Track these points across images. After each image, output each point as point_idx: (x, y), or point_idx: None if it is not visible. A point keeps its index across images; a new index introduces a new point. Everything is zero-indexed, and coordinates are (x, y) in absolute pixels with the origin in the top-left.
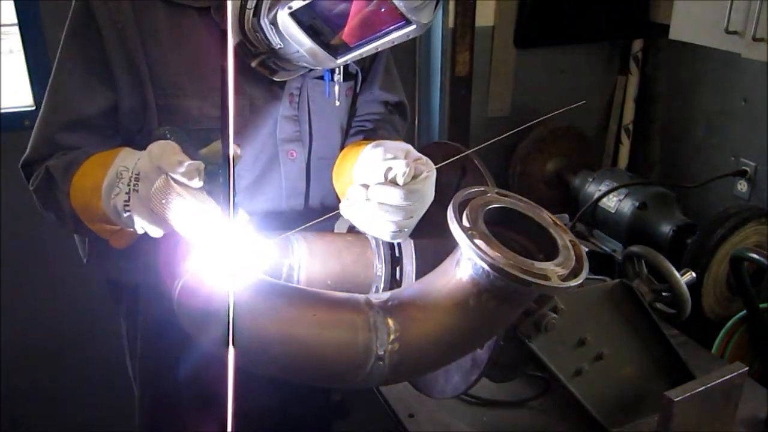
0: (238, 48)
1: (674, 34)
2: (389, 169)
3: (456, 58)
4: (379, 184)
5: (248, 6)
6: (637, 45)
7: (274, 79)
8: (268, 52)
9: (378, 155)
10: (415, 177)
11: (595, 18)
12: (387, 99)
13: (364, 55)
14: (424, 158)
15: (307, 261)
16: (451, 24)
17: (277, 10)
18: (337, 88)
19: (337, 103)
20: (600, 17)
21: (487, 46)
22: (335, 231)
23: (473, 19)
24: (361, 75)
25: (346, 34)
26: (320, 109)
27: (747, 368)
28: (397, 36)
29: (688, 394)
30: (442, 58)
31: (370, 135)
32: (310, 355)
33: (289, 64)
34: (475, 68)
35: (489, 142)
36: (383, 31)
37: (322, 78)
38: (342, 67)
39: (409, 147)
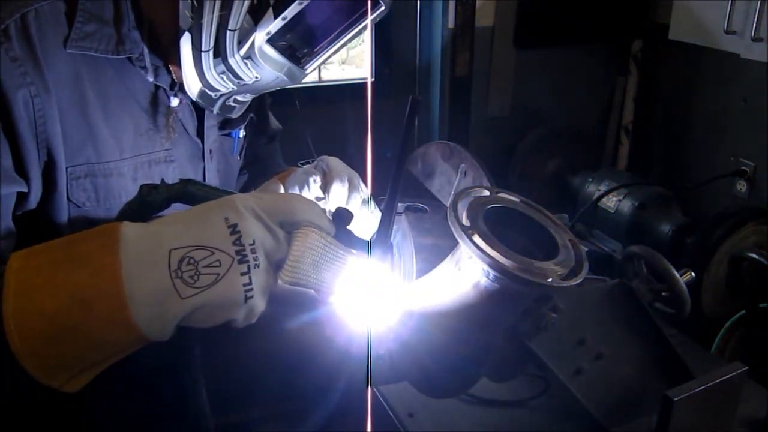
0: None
1: (674, 34)
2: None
3: (456, 58)
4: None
5: (203, 48)
6: (637, 45)
7: (231, 116)
8: (229, 92)
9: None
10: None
11: (595, 18)
12: (274, 133)
13: (330, 57)
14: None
15: None
16: (451, 24)
17: (252, 42)
18: (241, 143)
19: (239, 158)
20: (600, 17)
21: (487, 46)
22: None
23: (473, 19)
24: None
25: (318, 36)
26: (227, 167)
27: (747, 368)
28: (368, 20)
29: (688, 393)
30: (442, 58)
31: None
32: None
33: (248, 96)
34: (475, 68)
35: None
36: (354, 21)
37: (229, 135)
38: (248, 119)
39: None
